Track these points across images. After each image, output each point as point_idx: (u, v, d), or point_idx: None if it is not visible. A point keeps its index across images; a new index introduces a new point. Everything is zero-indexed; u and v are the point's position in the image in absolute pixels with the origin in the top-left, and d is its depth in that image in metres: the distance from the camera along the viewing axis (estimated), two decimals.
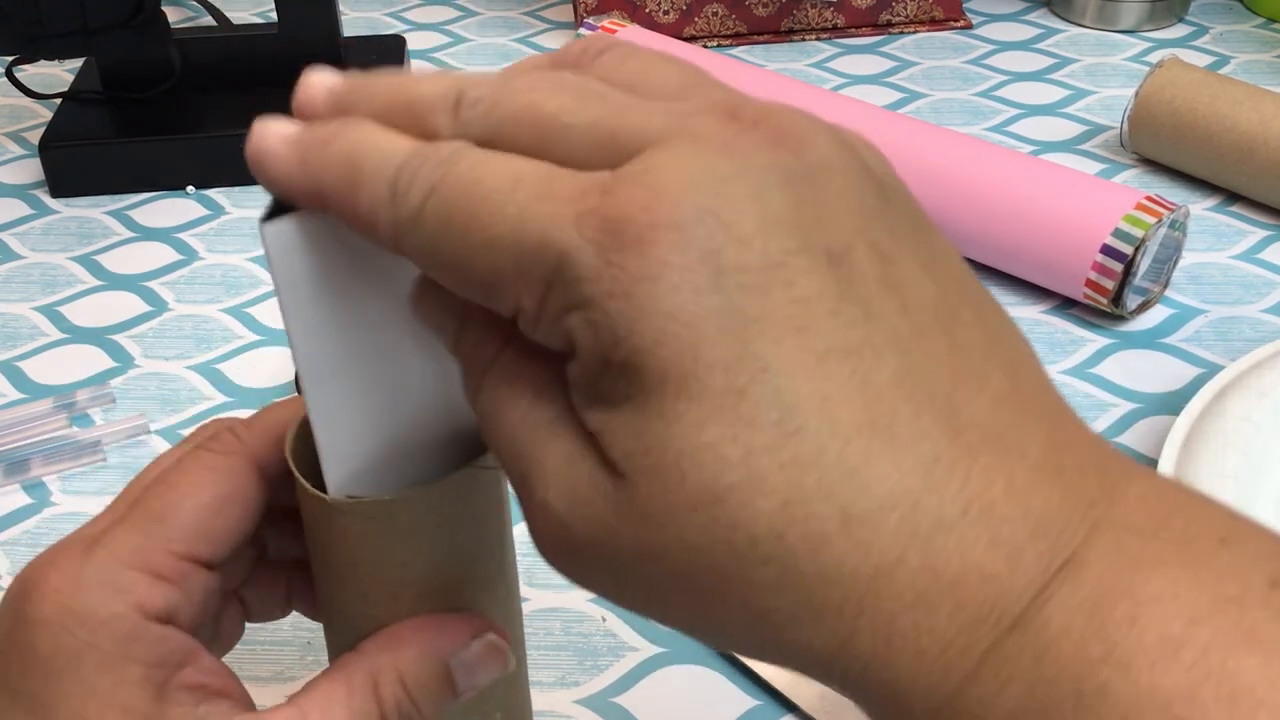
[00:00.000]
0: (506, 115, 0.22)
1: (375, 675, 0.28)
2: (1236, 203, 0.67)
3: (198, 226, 0.68)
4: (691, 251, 0.20)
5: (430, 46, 0.86)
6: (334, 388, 0.27)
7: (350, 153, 0.23)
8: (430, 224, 0.22)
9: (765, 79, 0.69)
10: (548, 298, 0.21)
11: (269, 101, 0.83)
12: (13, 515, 0.50)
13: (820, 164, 0.21)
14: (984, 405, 0.21)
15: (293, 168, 0.24)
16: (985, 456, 0.20)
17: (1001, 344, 0.22)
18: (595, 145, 0.21)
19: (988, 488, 0.20)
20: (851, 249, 0.21)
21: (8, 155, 0.75)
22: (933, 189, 0.62)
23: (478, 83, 0.23)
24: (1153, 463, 0.51)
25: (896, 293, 0.21)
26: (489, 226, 0.21)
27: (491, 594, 0.31)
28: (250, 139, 0.24)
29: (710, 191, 0.20)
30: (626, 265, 0.20)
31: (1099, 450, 0.22)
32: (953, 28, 0.87)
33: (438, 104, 0.23)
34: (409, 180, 0.22)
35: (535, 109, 0.22)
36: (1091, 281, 0.57)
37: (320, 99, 0.25)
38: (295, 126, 0.24)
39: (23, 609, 0.28)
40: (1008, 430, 0.21)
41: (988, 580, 0.20)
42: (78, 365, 0.58)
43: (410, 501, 0.27)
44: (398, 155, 0.22)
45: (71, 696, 0.27)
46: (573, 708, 0.42)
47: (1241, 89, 0.66)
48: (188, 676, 0.28)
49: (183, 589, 0.28)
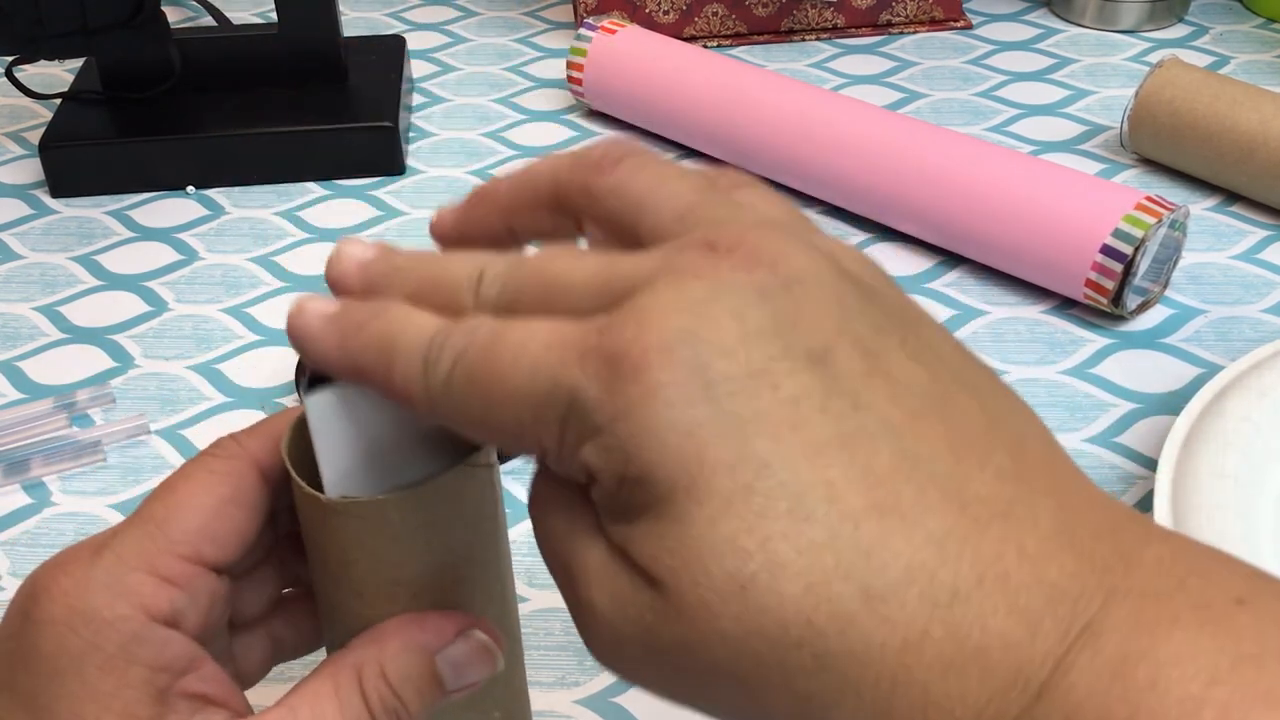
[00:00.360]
0: (519, 284, 0.25)
1: (359, 669, 0.28)
2: (1236, 203, 0.67)
3: (198, 226, 0.68)
4: (680, 369, 0.21)
5: (430, 46, 0.86)
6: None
7: (385, 333, 0.25)
8: (458, 388, 0.24)
9: (765, 79, 0.69)
10: (564, 435, 0.23)
11: (269, 101, 0.83)
12: (13, 515, 0.50)
13: (795, 276, 0.23)
14: (988, 481, 0.22)
15: (332, 348, 0.26)
16: (994, 528, 0.21)
17: (1003, 422, 0.23)
18: (594, 296, 0.23)
19: (1000, 558, 0.21)
20: (833, 348, 0.22)
21: (8, 155, 0.75)
22: (933, 189, 0.62)
23: (495, 261, 0.25)
24: (1152, 463, 0.51)
25: (884, 383, 0.22)
26: (507, 382, 0.23)
27: (487, 592, 0.31)
28: (290, 316, 0.27)
29: (691, 314, 0.22)
30: (626, 391, 0.22)
31: (1113, 514, 0.22)
32: (953, 28, 0.87)
33: (463, 284, 0.25)
34: (437, 353, 0.24)
35: (542, 274, 0.24)
36: (1091, 281, 0.57)
37: (353, 274, 0.27)
38: (331, 305, 0.26)
39: (30, 610, 0.28)
40: (1015, 503, 0.22)
41: (1010, 648, 0.20)
42: (78, 365, 0.58)
43: (404, 501, 0.28)
44: (427, 332, 0.25)
45: (71, 698, 0.27)
46: (573, 708, 0.42)
47: (1241, 89, 0.66)
48: (189, 684, 0.28)
49: (188, 592, 0.28)
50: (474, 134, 0.76)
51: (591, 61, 0.74)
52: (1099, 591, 0.21)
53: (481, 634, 0.29)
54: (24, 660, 0.27)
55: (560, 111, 0.78)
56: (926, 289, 0.62)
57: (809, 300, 0.22)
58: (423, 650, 0.29)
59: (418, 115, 0.78)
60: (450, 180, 0.72)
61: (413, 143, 0.75)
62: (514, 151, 0.74)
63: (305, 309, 0.26)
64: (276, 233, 0.68)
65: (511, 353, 0.23)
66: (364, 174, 0.72)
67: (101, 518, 0.50)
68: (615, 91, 0.74)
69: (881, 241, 0.65)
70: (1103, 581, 0.21)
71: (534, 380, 0.23)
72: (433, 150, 0.75)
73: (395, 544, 0.28)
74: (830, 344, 0.22)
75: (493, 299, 0.25)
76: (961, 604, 0.21)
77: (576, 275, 0.24)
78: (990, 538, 0.21)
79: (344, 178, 0.72)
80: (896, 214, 0.64)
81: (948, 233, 0.62)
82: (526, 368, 0.23)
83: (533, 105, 0.79)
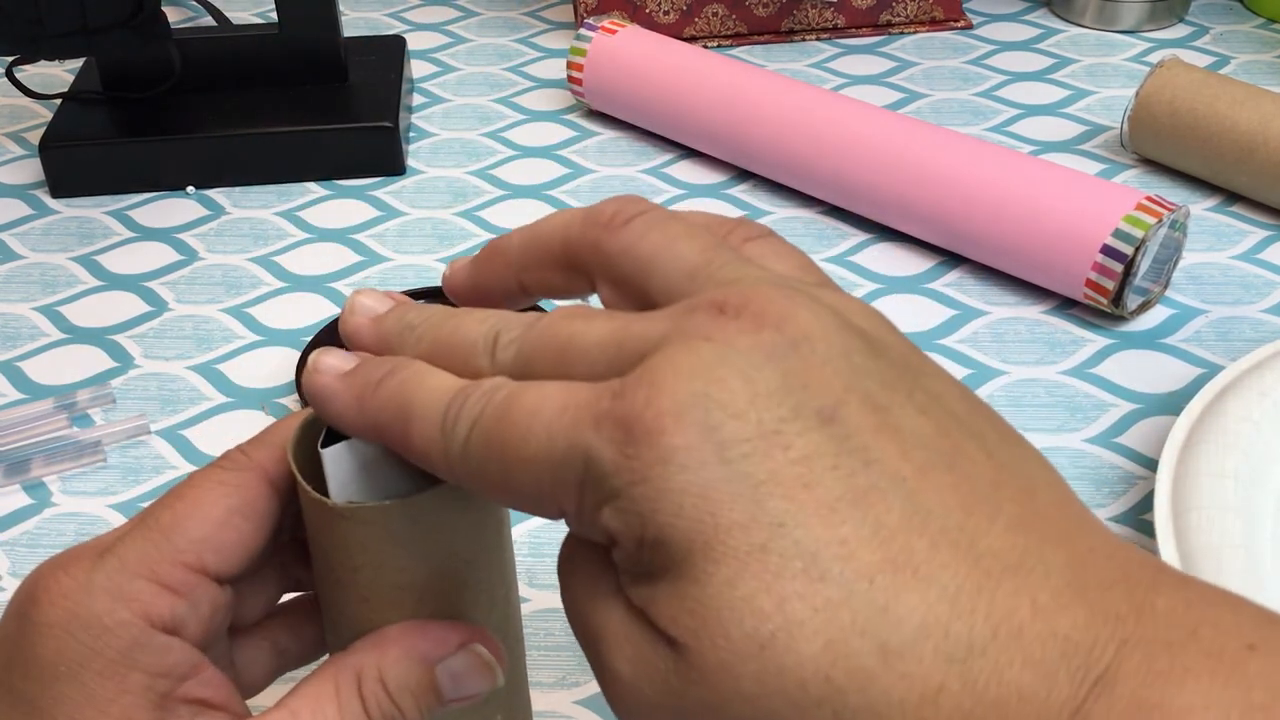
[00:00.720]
0: (533, 347, 0.25)
1: (359, 672, 0.29)
2: (1236, 203, 0.67)
3: (198, 226, 0.68)
4: (692, 432, 0.22)
5: (430, 46, 0.86)
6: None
7: (401, 394, 0.26)
8: (476, 453, 0.24)
9: (765, 79, 0.69)
10: (583, 499, 0.23)
11: (269, 101, 0.83)
12: (13, 515, 0.50)
13: (802, 335, 0.23)
14: (999, 533, 0.22)
15: (350, 408, 0.27)
16: (1007, 582, 0.21)
17: (1012, 471, 0.23)
18: (607, 359, 0.24)
19: (1013, 611, 0.21)
20: (842, 405, 0.22)
21: (8, 155, 0.75)
22: (933, 189, 0.62)
23: (510, 323, 0.26)
24: (1152, 463, 0.51)
25: (893, 438, 0.22)
26: (524, 446, 0.23)
27: (491, 596, 0.31)
28: (306, 374, 0.27)
29: (702, 378, 0.22)
30: (641, 455, 0.22)
31: (1124, 561, 0.23)
32: (953, 28, 0.87)
33: (478, 346, 0.26)
34: (454, 417, 0.24)
35: (556, 337, 0.25)
36: (1091, 282, 0.57)
37: (366, 330, 0.28)
38: (347, 361, 0.27)
39: (29, 612, 0.28)
40: (1026, 555, 0.22)
41: (1026, 700, 0.21)
42: (78, 365, 0.58)
43: (410, 506, 0.28)
44: (444, 395, 0.25)
45: (69, 703, 0.27)
46: (573, 708, 0.42)
47: (1241, 89, 0.66)
48: (189, 689, 0.28)
49: (190, 600, 0.28)
50: (474, 134, 0.76)
51: (591, 61, 0.74)
52: (1111, 642, 0.21)
53: (483, 649, 0.29)
54: (23, 664, 0.27)
55: (560, 111, 0.78)
56: (926, 289, 0.62)
57: (816, 358, 0.23)
58: (423, 659, 0.29)
59: (418, 115, 0.78)
60: (450, 180, 0.72)
61: (413, 143, 0.75)
62: (514, 151, 0.74)
63: (321, 366, 0.27)
64: (276, 233, 0.68)
65: (527, 417, 0.23)
66: (364, 174, 0.72)
67: (102, 518, 0.50)
68: (615, 91, 0.74)
69: (881, 241, 0.65)
70: (1115, 632, 0.21)
71: (550, 445, 0.23)
72: (433, 150, 0.75)
73: (401, 549, 0.28)
74: (839, 401, 0.22)
75: (508, 363, 0.25)
76: (977, 658, 0.21)
77: (590, 338, 0.24)
78: (1003, 591, 0.21)
79: (344, 178, 0.72)
80: (896, 214, 0.64)
81: (948, 233, 0.62)
82: (542, 432, 0.23)
83: (533, 105, 0.79)
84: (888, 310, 0.60)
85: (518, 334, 0.25)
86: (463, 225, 0.68)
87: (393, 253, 0.66)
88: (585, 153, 0.74)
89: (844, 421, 0.22)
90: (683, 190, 0.70)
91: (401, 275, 0.64)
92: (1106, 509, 0.49)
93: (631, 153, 0.74)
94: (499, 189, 0.71)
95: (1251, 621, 0.21)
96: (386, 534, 0.28)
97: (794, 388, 0.22)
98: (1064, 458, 0.51)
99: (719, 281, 0.25)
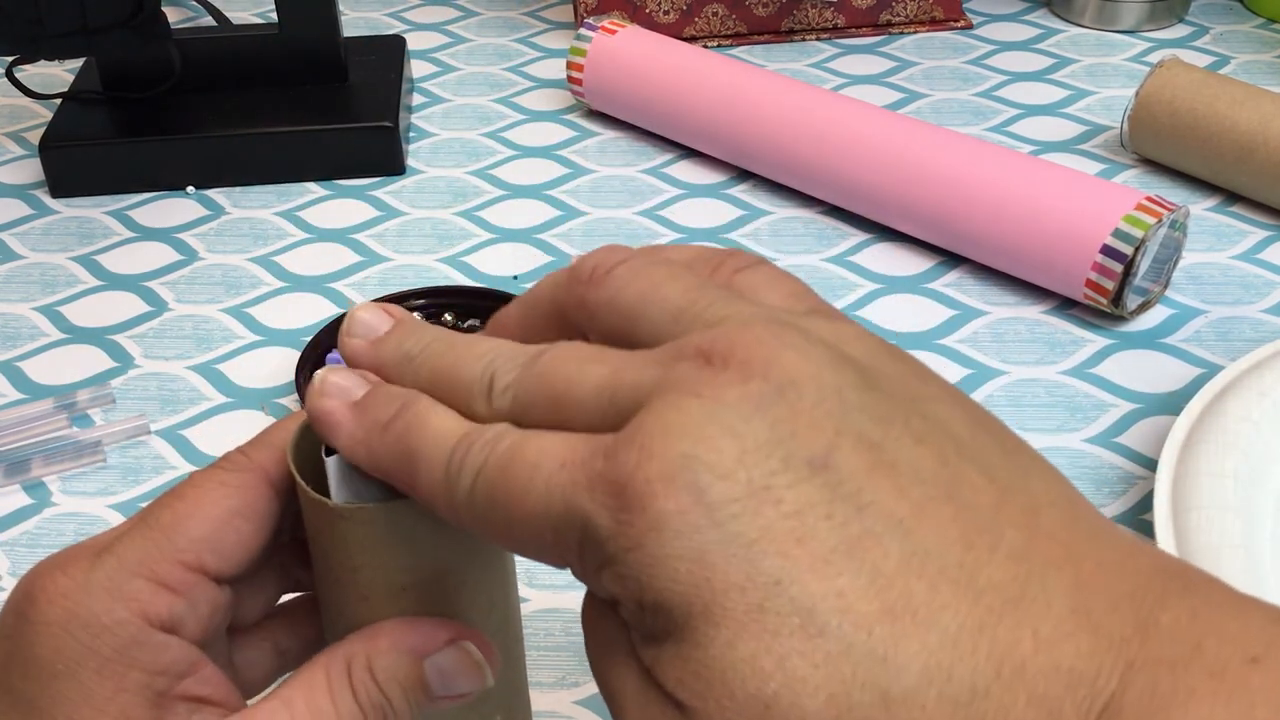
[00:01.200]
0: (530, 395, 0.25)
1: (348, 660, 0.29)
2: (1236, 203, 0.67)
3: (198, 226, 0.68)
4: (683, 496, 0.22)
5: (430, 46, 0.86)
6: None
7: (406, 439, 0.26)
8: (480, 502, 0.24)
9: (765, 79, 0.69)
10: (584, 558, 0.23)
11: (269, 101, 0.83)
12: (13, 515, 0.50)
13: (789, 380, 0.23)
14: (1000, 563, 0.22)
15: (357, 446, 0.27)
16: (1009, 616, 0.21)
17: (1015, 491, 0.23)
18: (601, 411, 0.24)
19: (1015, 645, 0.21)
20: (834, 450, 0.22)
21: (8, 155, 0.75)
22: (933, 189, 0.62)
23: (505, 363, 0.26)
24: (1152, 463, 0.51)
25: (889, 476, 0.22)
26: (526, 500, 0.24)
27: (490, 596, 0.31)
28: (311, 396, 0.28)
29: (690, 438, 0.22)
30: (634, 521, 0.22)
31: (1132, 572, 0.22)
32: (953, 28, 0.87)
33: (474, 389, 0.26)
34: (458, 466, 0.25)
35: (551, 387, 0.25)
36: (1091, 282, 0.57)
37: (365, 354, 0.28)
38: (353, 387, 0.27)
39: (27, 611, 0.28)
40: (1028, 584, 0.22)
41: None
42: (78, 365, 0.58)
43: (411, 506, 0.28)
44: (449, 440, 0.25)
45: (67, 701, 0.27)
46: (573, 708, 0.42)
47: (1241, 89, 0.66)
48: (187, 687, 0.28)
49: (188, 600, 0.28)
50: (474, 134, 0.76)
51: (591, 61, 0.74)
52: (1116, 666, 0.21)
53: (472, 647, 0.29)
54: (21, 663, 0.27)
55: (560, 111, 0.78)
56: (926, 289, 0.62)
57: (805, 403, 0.23)
58: (411, 653, 0.29)
59: (418, 115, 0.78)
60: (450, 180, 0.72)
61: (413, 143, 0.75)
62: (514, 151, 0.74)
63: (328, 389, 0.27)
64: (276, 233, 0.68)
65: (528, 470, 0.23)
66: (364, 174, 0.72)
67: (102, 518, 0.50)
68: (615, 91, 0.74)
69: (881, 241, 0.65)
70: (1120, 656, 0.21)
71: (549, 502, 0.23)
72: (433, 150, 0.75)
73: (401, 549, 0.28)
74: (831, 445, 0.22)
75: (505, 410, 0.25)
76: (981, 700, 0.21)
77: (585, 387, 0.24)
78: (1005, 626, 0.21)
79: (344, 178, 0.72)
80: (896, 214, 0.64)
81: (948, 233, 0.62)
82: (541, 488, 0.23)
83: (533, 105, 0.79)
84: (888, 310, 0.60)
85: (513, 378, 0.25)
86: (462, 225, 0.68)
87: (393, 253, 0.66)
88: (585, 153, 0.74)
89: (836, 467, 0.22)
90: (683, 190, 0.70)
91: (401, 275, 0.64)
92: (1107, 509, 0.49)
93: (631, 153, 0.74)
94: (499, 189, 0.71)
95: (1258, 627, 0.21)
96: (386, 534, 0.28)
97: (783, 437, 0.22)
98: (1064, 458, 0.51)
99: (705, 322, 0.25)
